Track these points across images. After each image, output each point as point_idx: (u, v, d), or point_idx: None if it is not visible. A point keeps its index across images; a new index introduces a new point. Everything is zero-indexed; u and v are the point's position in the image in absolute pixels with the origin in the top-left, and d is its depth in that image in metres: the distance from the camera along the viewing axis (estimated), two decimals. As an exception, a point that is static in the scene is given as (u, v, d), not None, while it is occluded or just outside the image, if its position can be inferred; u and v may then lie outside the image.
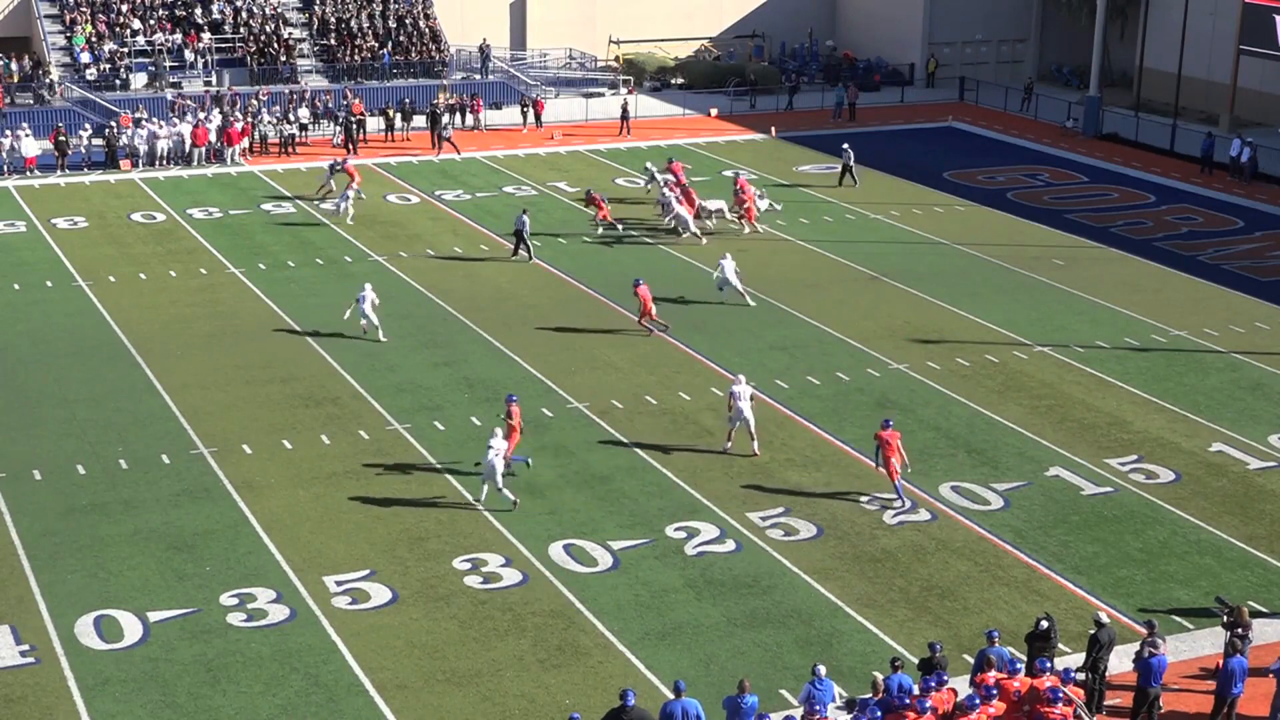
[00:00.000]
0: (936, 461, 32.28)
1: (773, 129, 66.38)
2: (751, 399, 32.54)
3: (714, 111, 70.18)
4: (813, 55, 79.21)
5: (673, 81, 76.42)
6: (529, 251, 46.33)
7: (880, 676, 22.09)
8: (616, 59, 78.27)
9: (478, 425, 33.73)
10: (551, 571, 27.38)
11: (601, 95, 72.27)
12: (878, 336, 39.74)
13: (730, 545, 28.51)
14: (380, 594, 26.54)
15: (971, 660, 23.49)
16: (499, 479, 29.48)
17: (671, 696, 21.82)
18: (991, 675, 22.07)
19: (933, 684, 21.80)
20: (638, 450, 32.60)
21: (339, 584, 26.81)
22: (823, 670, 22.16)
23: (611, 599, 26.48)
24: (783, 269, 45.89)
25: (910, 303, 42.83)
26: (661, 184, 51.30)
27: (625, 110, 65.80)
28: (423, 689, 23.78)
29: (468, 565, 27.57)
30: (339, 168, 52.91)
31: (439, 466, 31.65)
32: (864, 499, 30.47)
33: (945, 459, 32.44)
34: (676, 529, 29.09)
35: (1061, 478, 31.64)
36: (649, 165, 54.67)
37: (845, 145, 56.59)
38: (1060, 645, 24.35)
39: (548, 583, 27.02)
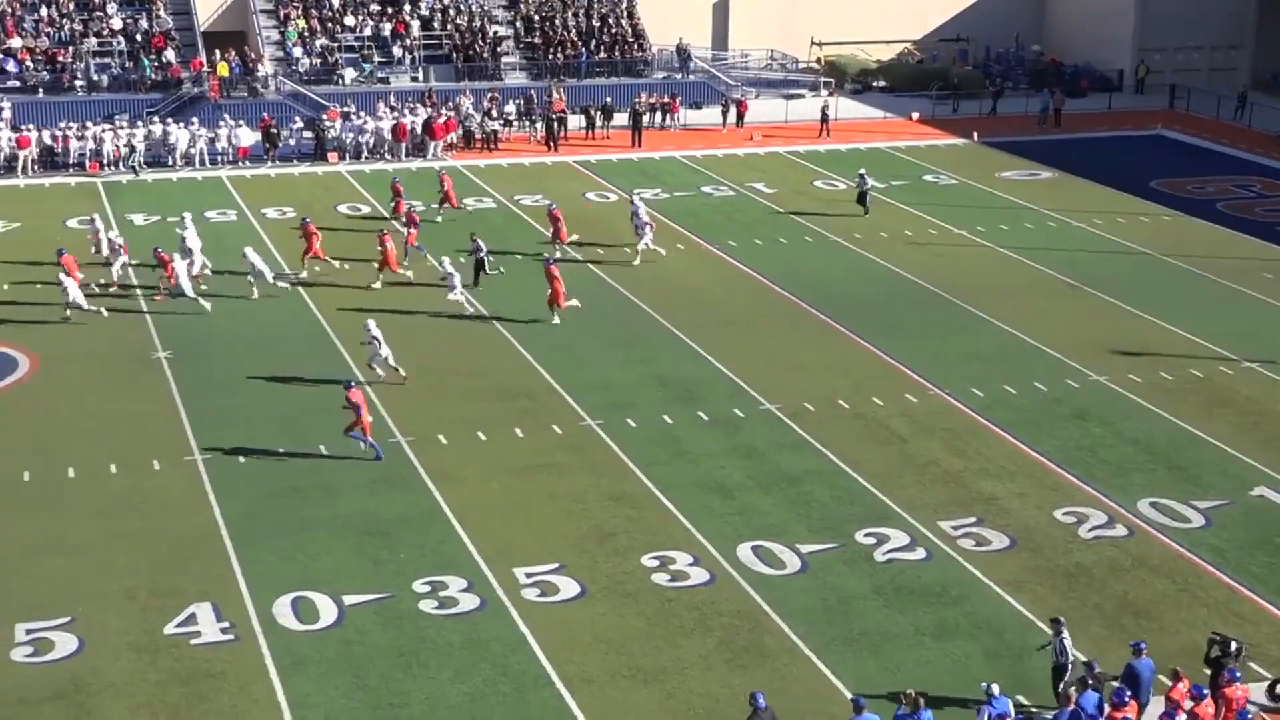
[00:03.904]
0: (1136, 476, 31.56)
1: (975, 134, 65.51)
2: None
3: (915, 115, 69.49)
4: (1018, 60, 78.00)
5: (874, 84, 75.82)
6: (481, 275, 43.54)
7: (1074, 691, 21.68)
8: (818, 60, 77.92)
9: (669, 424, 33.84)
10: (739, 572, 27.35)
11: (802, 97, 71.98)
12: (1077, 347, 38.98)
13: (920, 553, 28.20)
14: (569, 588, 26.76)
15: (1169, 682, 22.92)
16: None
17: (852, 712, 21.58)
18: (1181, 686, 21.62)
19: (1127, 697, 21.42)
20: (829, 454, 32.41)
21: (528, 576, 27.08)
22: (996, 689, 21.78)
23: (799, 602, 26.36)
24: (980, 275, 45.28)
25: (1112, 313, 41.95)
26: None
27: (825, 112, 65.48)
28: (608, 684, 23.92)
29: (656, 563, 27.67)
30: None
31: (630, 463, 31.80)
32: (1059, 511, 29.90)
33: (1145, 474, 31.70)
34: (866, 535, 28.86)
35: (1266, 498, 30.71)
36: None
37: (862, 171, 53.93)
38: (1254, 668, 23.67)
39: (735, 583, 26.99)
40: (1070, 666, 22.89)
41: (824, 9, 77.11)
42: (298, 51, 68.08)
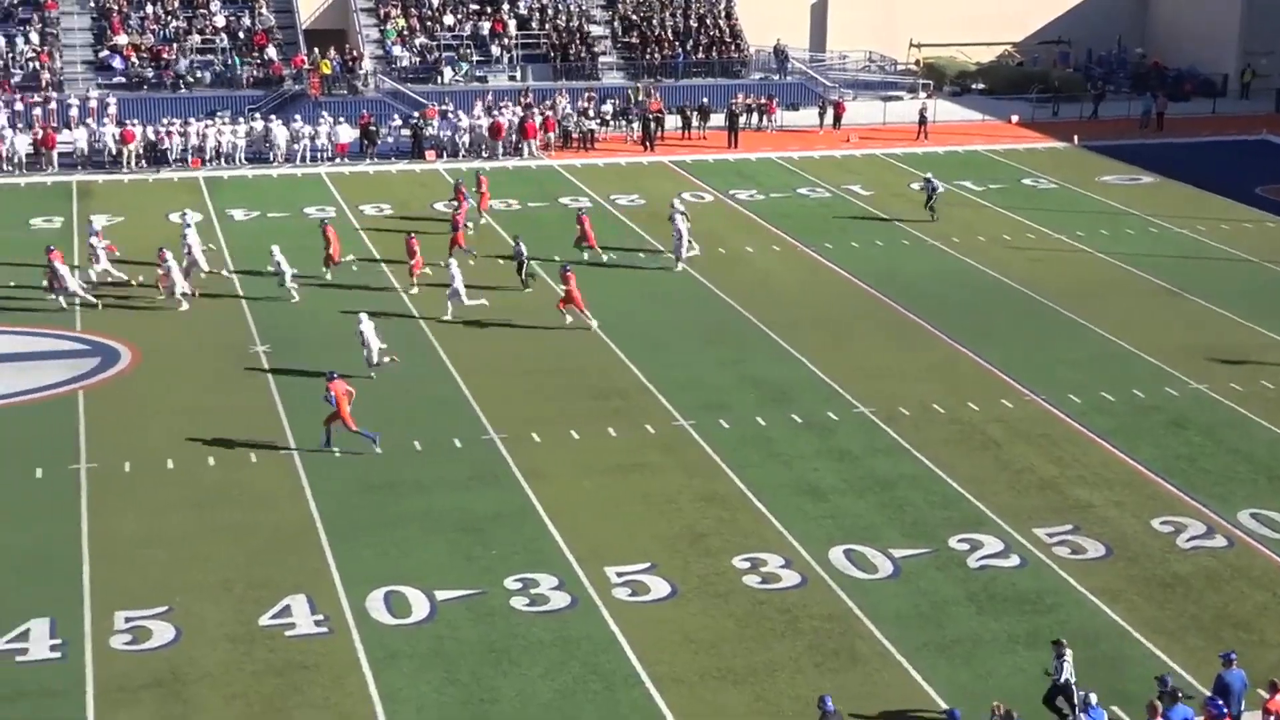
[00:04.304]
0: (1236, 487, 31.08)
1: (1075, 138, 64.84)
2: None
3: (1015, 118, 68.90)
4: (1121, 62, 77.13)
5: (973, 86, 75.26)
6: (526, 280, 43.23)
7: (1160, 704, 21.37)
8: (917, 62, 77.47)
9: (762, 425, 33.76)
10: (831, 576, 27.22)
11: (900, 99, 71.60)
12: (1177, 354, 38.45)
13: (1014, 560, 27.93)
14: (660, 587, 26.75)
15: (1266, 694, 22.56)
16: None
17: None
18: None
19: (1224, 711, 21.10)
20: (923, 458, 32.19)
21: (619, 575, 27.10)
22: (1094, 698, 21.52)
23: (891, 607, 26.20)
24: (1079, 280, 44.80)
25: (1213, 320, 41.36)
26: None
27: (923, 114, 65.10)
28: (698, 684, 23.88)
29: (747, 564, 27.60)
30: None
31: (723, 464, 31.76)
32: (1157, 521, 29.51)
33: (1245, 485, 31.21)
34: (960, 540, 28.62)
35: (1371, 511, 30.16)
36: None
37: (928, 175, 52.90)
38: None
39: (827, 586, 26.87)
40: (1072, 688, 22.47)
41: (924, 10, 76.64)
42: (397, 50, 68.63)
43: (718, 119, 64.76)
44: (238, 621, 25.25)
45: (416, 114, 62.46)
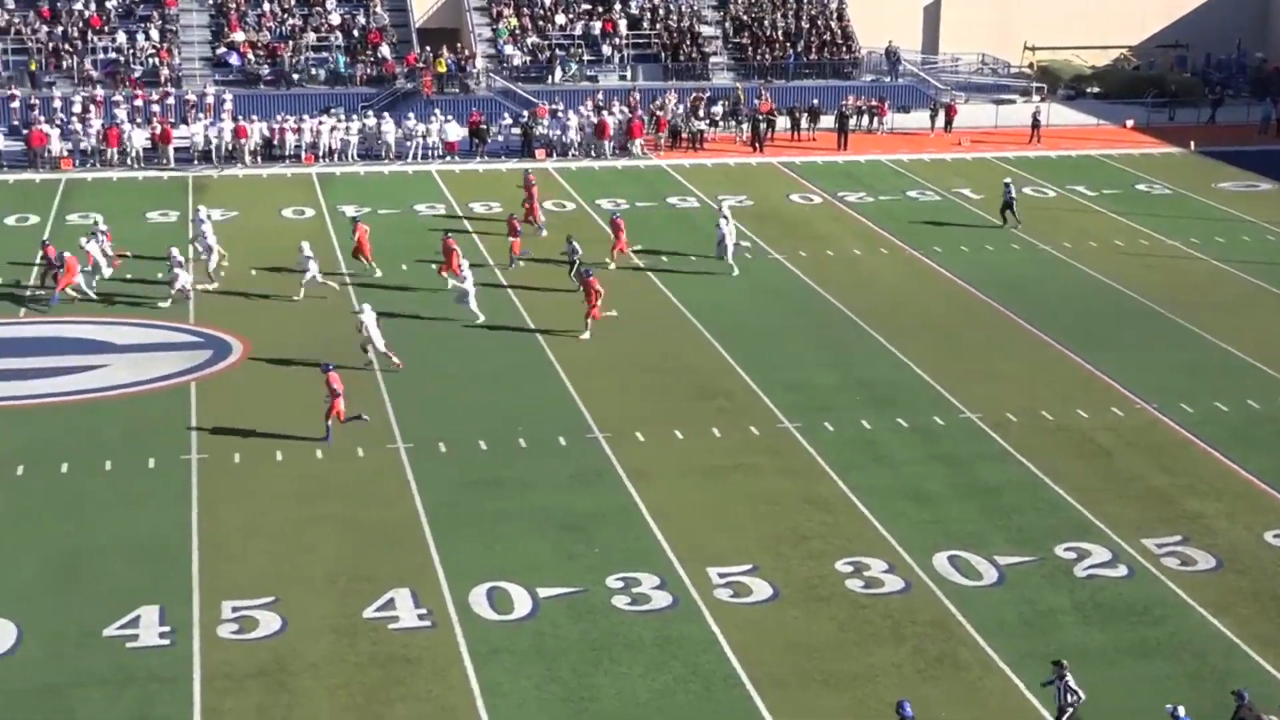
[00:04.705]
0: (1352, 500, 30.49)
1: (1191, 143, 63.87)
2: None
3: (1130, 123, 68.03)
4: (1240, 67, 75.88)
5: (1088, 90, 74.38)
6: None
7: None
8: (1031, 65, 76.71)
9: (868, 429, 33.58)
10: (934, 582, 27.01)
11: (1013, 102, 70.93)
12: (1294, 364, 37.81)
13: (1122, 570, 27.55)
14: (762, 589, 26.68)
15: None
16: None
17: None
18: None
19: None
20: (1030, 465, 31.86)
21: (721, 576, 27.06)
22: (1182, 710, 21.16)
23: (994, 615, 25.95)
24: (1193, 288, 44.13)
25: (1332, 331, 40.60)
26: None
27: (1036, 118, 64.44)
28: (798, 688, 23.79)
29: (850, 568, 27.46)
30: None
31: (827, 467, 31.62)
32: (1270, 533, 29.00)
33: (1362, 498, 30.63)
34: (1066, 549, 28.29)
35: None
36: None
37: (1008, 181, 52.09)
38: None
39: (930, 592, 26.67)
40: (1077, 705, 22.02)
41: (1039, 13, 75.92)
42: (509, 49, 69.01)
43: (827, 121, 64.50)
44: (342, 614, 25.50)
45: (527, 113, 62.78)
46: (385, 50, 67.42)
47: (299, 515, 29.18)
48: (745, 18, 72.33)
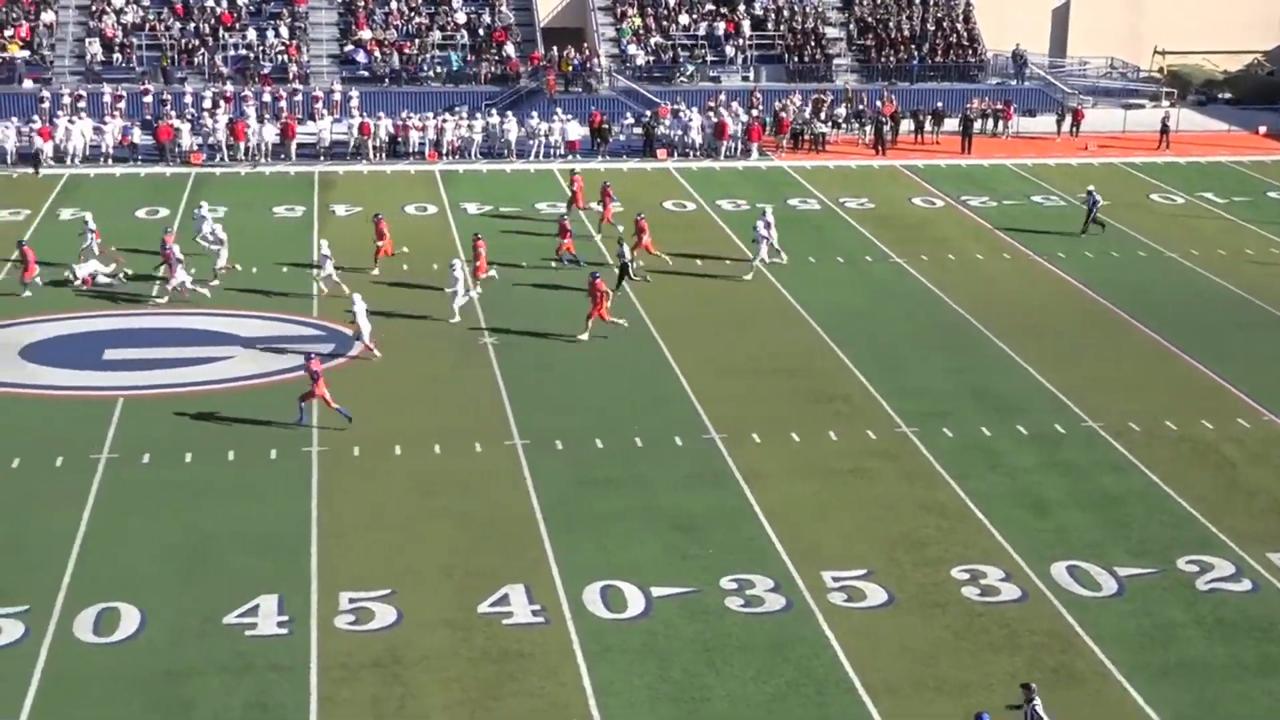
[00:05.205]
0: None
1: (1326, 150, 62.64)
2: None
3: (1262, 129, 66.78)
4: (1377, 73, 74.27)
5: (1219, 96, 73.09)
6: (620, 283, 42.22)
7: None
8: (1160, 70, 75.55)
9: (987, 435, 33.24)
10: (1052, 591, 26.65)
11: (1142, 107, 69.90)
12: None
13: (1246, 585, 27.02)
14: (876, 594, 26.50)
15: None
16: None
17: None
18: None
19: None
20: (1152, 476, 31.35)
21: (835, 580, 26.90)
22: None
23: (1113, 626, 25.56)
24: (1326, 299, 43.26)
25: None
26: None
27: (1166, 123, 63.44)
28: (912, 695, 23.60)
29: (966, 575, 27.18)
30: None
31: (944, 473, 31.35)
32: (1400, 551, 28.33)
33: None
34: (1188, 562, 27.80)
35: None
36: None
37: (1091, 188, 50.78)
38: None
39: (1047, 602, 26.33)
40: None
41: (1170, 17, 74.74)
42: (632, 48, 69.17)
43: (951, 124, 63.94)
44: (457, 607, 25.68)
45: (649, 112, 62.88)
46: (509, 49, 67.85)
47: (416, 509, 29.44)
48: (870, 19, 71.92)
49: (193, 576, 26.63)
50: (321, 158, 59.13)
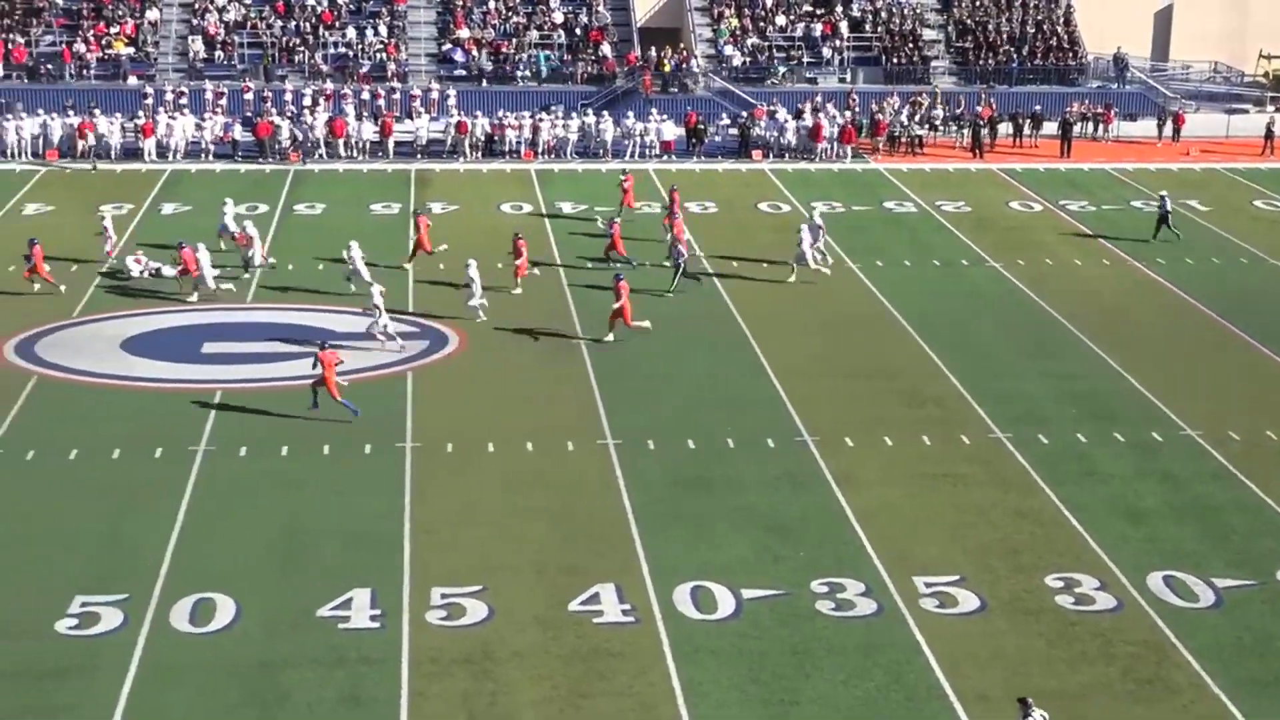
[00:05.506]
0: None
1: None
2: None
3: (1369, 135, 65.56)
4: None
5: (1326, 100, 71.94)
6: (678, 280, 42.30)
7: None
8: (1266, 74, 74.41)
9: (1083, 442, 32.88)
10: (1148, 601, 26.32)
11: (1245, 111, 68.89)
12: None
13: (1348, 598, 26.59)
14: (969, 601, 26.29)
15: None
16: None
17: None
18: None
19: None
20: (1252, 486, 30.88)
21: (928, 585, 26.73)
22: None
23: (1210, 638, 25.19)
24: None
25: None
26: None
27: (1271, 129, 62.52)
28: (1004, 702, 23.34)
29: (1060, 584, 26.90)
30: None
31: (1039, 479, 31.05)
32: None
33: None
34: (1289, 574, 27.41)
35: None
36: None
37: (1164, 193, 49.85)
38: None
39: (1143, 612, 26.00)
40: None
41: (1275, 20, 73.60)
42: (729, 49, 69.09)
43: (1050, 127, 63.35)
44: (548, 605, 25.76)
45: (745, 113, 62.78)
46: (606, 49, 67.99)
47: (508, 506, 29.56)
48: (969, 21, 71.39)
49: (287, 569, 26.91)
50: (418, 156, 59.57)
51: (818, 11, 71.13)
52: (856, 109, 63.55)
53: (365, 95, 63.47)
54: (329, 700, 22.92)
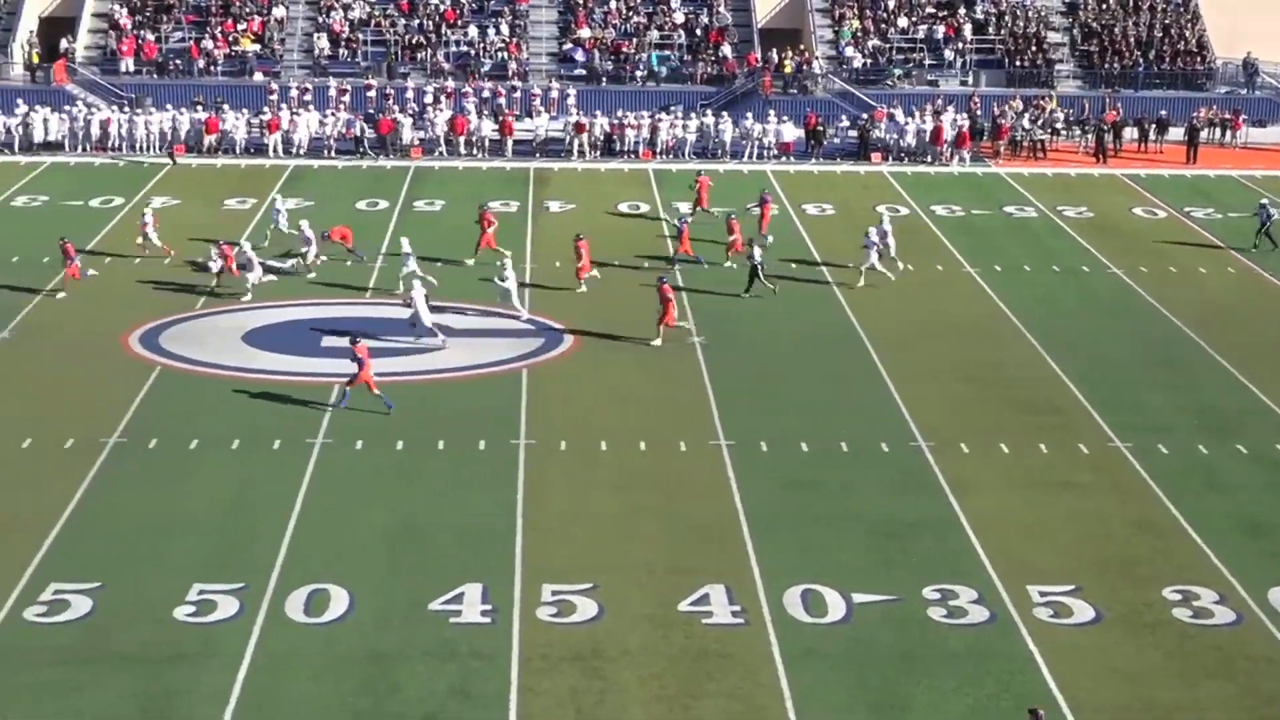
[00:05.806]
0: None
1: None
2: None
3: None
4: None
5: None
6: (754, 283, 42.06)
7: None
8: (1403, 80, 72.72)
9: (1204, 454, 32.33)
10: (1269, 617, 25.80)
11: (1379, 118, 67.43)
12: None
13: None
14: (1084, 611, 25.92)
15: None
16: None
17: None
18: None
19: None
20: (1380, 502, 30.21)
21: (1042, 595, 26.38)
22: None
23: (1333, 656, 24.70)
24: None
25: None
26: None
27: (1406, 136, 61.16)
28: (1118, 716, 23.00)
29: (1178, 596, 26.45)
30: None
31: (1158, 490, 30.56)
32: None
33: None
34: None
35: None
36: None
37: (1264, 201, 48.36)
38: None
39: (1263, 627, 25.49)
40: None
41: None
42: (850, 51, 68.74)
43: (1176, 132, 62.36)
44: (658, 604, 25.75)
45: (865, 115, 62.44)
46: (726, 50, 67.92)
47: (620, 505, 29.62)
48: (1095, 24, 70.47)
49: (400, 562, 27.15)
50: (538, 154, 59.88)
51: (941, 14, 70.56)
52: (978, 112, 62.95)
53: (486, 94, 63.91)
54: (440, 694, 23.09)
